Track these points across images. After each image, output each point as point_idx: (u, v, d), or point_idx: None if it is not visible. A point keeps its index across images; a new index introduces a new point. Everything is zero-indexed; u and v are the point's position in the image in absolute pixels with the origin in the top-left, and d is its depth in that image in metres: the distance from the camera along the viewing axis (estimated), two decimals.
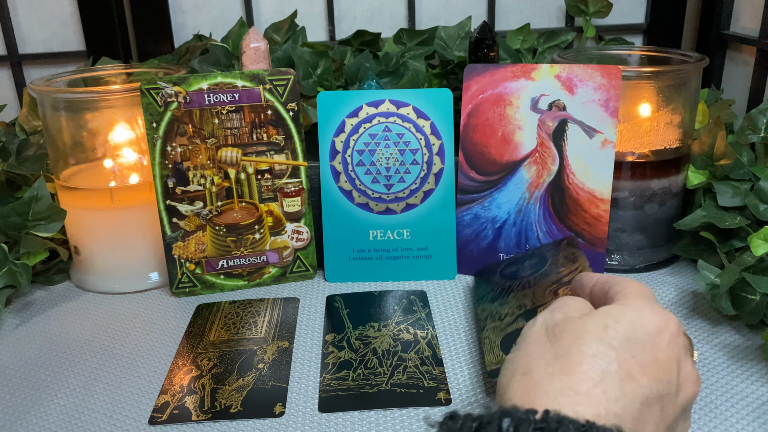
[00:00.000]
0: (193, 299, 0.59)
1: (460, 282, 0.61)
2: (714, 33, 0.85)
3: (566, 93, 0.57)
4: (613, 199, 0.59)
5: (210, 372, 0.48)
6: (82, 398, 0.46)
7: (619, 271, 0.61)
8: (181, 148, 0.57)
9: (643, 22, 0.92)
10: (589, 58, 0.67)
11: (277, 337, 0.52)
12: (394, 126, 0.59)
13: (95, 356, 0.51)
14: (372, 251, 0.61)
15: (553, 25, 0.92)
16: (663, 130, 0.60)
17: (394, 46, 0.80)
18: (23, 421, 0.44)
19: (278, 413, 0.44)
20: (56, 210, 0.58)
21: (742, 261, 0.50)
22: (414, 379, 0.46)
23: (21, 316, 0.57)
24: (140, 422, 0.43)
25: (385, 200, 0.60)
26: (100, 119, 0.60)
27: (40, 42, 0.87)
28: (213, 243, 0.59)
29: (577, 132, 0.57)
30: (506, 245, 0.60)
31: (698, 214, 0.58)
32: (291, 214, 0.61)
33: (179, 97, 0.56)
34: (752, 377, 0.46)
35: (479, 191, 0.60)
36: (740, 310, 0.50)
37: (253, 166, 0.59)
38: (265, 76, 0.58)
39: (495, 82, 0.59)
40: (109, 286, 0.61)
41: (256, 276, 0.61)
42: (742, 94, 0.80)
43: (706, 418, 0.42)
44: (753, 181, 0.58)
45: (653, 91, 0.59)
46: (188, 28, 0.89)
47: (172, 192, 0.58)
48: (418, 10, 0.90)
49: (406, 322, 0.54)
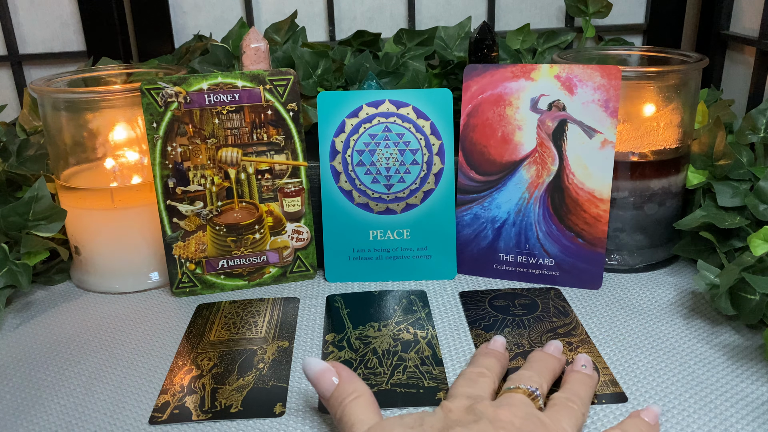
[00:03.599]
0: (193, 299, 0.59)
1: (460, 282, 0.61)
2: (714, 33, 0.85)
3: (566, 93, 0.57)
4: (613, 199, 0.60)
5: (210, 372, 0.48)
6: (82, 398, 0.46)
7: (619, 270, 0.61)
8: (182, 148, 0.57)
9: (643, 22, 0.92)
10: (588, 58, 0.67)
11: (277, 336, 0.52)
12: (394, 126, 0.59)
13: (95, 356, 0.51)
14: (372, 251, 0.61)
15: (553, 25, 0.92)
16: (663, 130, 0.60)
17: (394, 47, 0.80)
18: (23, 421, 0.44)
19: (278, 413, 0.44)
20: (56, 210, 0.58)
21: (742, 261, 0.50)
22: (414, 379, 0.46)
23: (21, 316, 0.57)
24: (140, 422, 0.43)
25: (385, 200, 0.60)
26: (101, 119, 0.60)
27: (41, 42, 0.88)
28: (213, 243, 0.59)
29: (576, 132, 0.57)
30: (506, 245, 0.60)
31: (698, 214, 0.59)
32: (291, 214, 0.61)
33: (179, 97, 0.56)
34: (752, 377, 0.46)
35: (479, 191, 0.60)
36: (740, 310, 0.50)
37: (253, 166, 0.59)
38: (266, 76, 0.58)
39: (495, 82, 0.59)
40: (109, 286, 0.61)
41: (257, 276, 0.61)
42: (741, 94, 0.81)
43: (706, 418, 0.42)
44: (753, 181, 0.58)
45: (653, 92, 0.59)
46: (188, 29, 0.89)
47: (172, 192, 0.58)
48: (418, 10, 0.90)
49: (406, 322, 0.54)
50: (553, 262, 0.59)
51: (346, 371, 0.41)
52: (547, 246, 0.59)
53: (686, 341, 0.50)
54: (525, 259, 0.60)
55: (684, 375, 0.46)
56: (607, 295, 0.58)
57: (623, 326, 0.53)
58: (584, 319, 0.54)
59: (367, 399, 0.39)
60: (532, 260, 0.60)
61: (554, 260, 0.59)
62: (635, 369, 0.47)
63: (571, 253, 0.58)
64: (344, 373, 0.41)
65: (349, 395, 0.39)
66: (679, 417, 0.42)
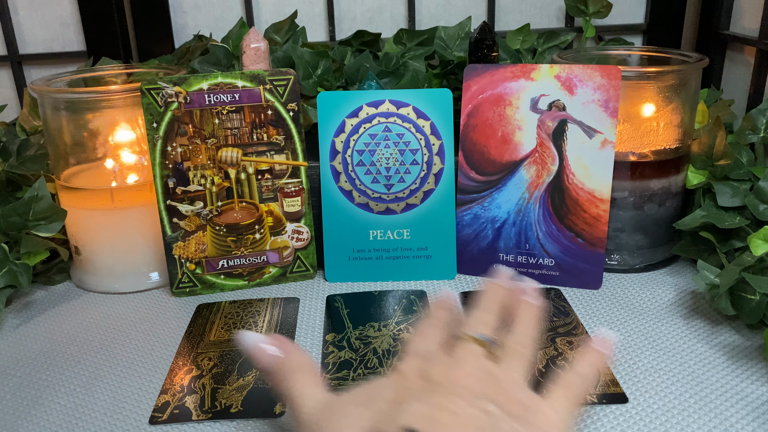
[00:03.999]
0: (193, 299, 0.59)
1: (460, 282, 0.61)
2: (714, 33, 0.85)
3: (566, 93, 0.57)
4: (613, 199, 0.60)
5: (210, 372, 0.48)
6: (82, 398, 0.46)
7: (619, 270, 0.61)
8: (182, 148, 0.57)
9: (642, 22, 0.92)
10: (588, 58, 0.67)
11: None
12: (394, 126, 0.59)
13: (96, 356, 0.51)
14: (372, 251, 0.61)
15: (553, 25, 0.92)
16: (663, 130, 0.60)
17: (394, 47, 0.80)
18: (24, 421, 0.44)
19: (279, 413, 0.44)
20: (57, 210, 0.58)
21: (742, 261, 0.50)
22: None
23: (21, 316, 0.57)
24: (141, 422, 0.43)
25: (385, 200, 0.60)
26: (101, 119, 0.60)
27: (41, 42, 0.88)
28: (213, 243, 0.59)
29: (576, 132, 0.57)
30: (506, 245, 0.60)
31: (698, 214, 0.59)
32: (291, 214, 0.61)
33: (179, 97, 0.56)
34: (752, 377, 0.46)
35: (479, 191, 0.60)
36: (740, 310, 0.50)
37: (253, 166, 0.59)
38: (266, 76, 0.58)
39: (495, 82, 0.59)
40: (109, 286, 0.61)
41: (257, 276, 0.61)
42: (741, 94, 0.81)
43: (706, 418, 0.42)
44: (752, 181, 0.58)
45: (653, 92, 0.59)
46: (189, 29, 0.89)
47: (172, 192, 0.58)
48: (418, 10, 0.90)
49: (406, 322, 0.54)
50: (553, 262, 0.59)
51: (290, 343, 0.39)
52: (547, 246, 0.59)
53: (686, 341, 0.50)
54: (525, 259, 0.60)
55: (684, 375, 0.46)
56: (607, 295, 0.58)
57: (623, 326, 0.53)
58: (584, 319, 0.54)
59: (312, 372, 0.38)
60: (532, 260, 0.60)
61: (554, 260, 0.59)
62: (635, 369, 0.47)
63: (571, 253, 0.58)
64: (287, 345, 0.39)
65: (294, 369, 0.37)
66: (679, 417, 0.42)
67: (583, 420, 0.42)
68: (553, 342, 0.50)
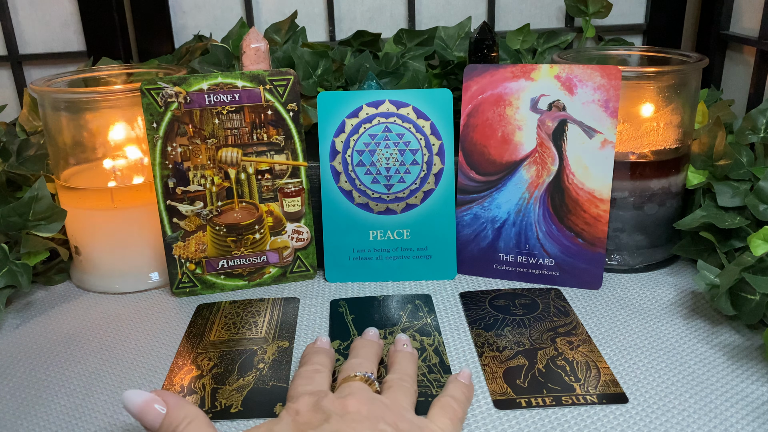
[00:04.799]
0: (193, 299, 0.59)
1: (460, 282, 0.61)
2: (714, 33, 0.85)
3: (566, 93, 0.57)
4: (613, 199, 0.60)
5: (210, 372, 0.48)
6: (82, 398, 0.46)
7: (619, 270, 0.61)
8: (182, 149, 0.57)
9: (642, 22, 0.92)
10: (588, 58, 0.67)
11: (277, 337, 0.52)
12: (394, 126, 0.59)
13: (95, 356, 0.51)
14: (372, 251, 0.61)
15: (553, 25, 0.92)
16: (663, 131, 0.60)
17: (394, 47, 0.80)
18: (24, 421, 0.44)
19: (278, 413, 0.44)
20: (56, 210, 0.58)
21: (742, 261, 0.50)
22: (422, 387, 0.45)
23: (21, 316, 0.57)
24: None
25: (385, 200, 0.60)
26: (101, 119, 0.60)
27: (41, 42, 0.88)
28: (213, 243, 0.59)
29: (576, 132, 0.57)
30: (506, 245, 0.60)
31: (698, 214, 0.59)
32: (291, 214, 0.61)
33: (179, 97, 0.56)
34: (752, 377, 0.46)
35: (479, 191, 0.60)
36: (740, 310, 0.50)
37: (253, 166, 0.59)
38: (266, 76, 0.58)
39: (495, 82, 0.59)
40: (109, 286, 0.61)
41: (257, 276, 0.61)
42: (741, 94, 0.81)
43: (706, 418, 0.42)
44: (753, 181, 0.58)
45: (653, 92, 0.59)
46: (188, 29, 0.89)
47: (172, 192, 0.58)
48: (418, 10, 0.90)
49: (412, 328, 0.53)
50: (553, 262, 0.59)
51: (173, 397, 0.37)
52: (547, 246, 0.59)
53: (686, 341, 0.50)
54: (525, 259, 0.60)
55: (684, 375, 0.46)
56: (607, 295, 0.58)
57: (623, 326, 0.53)
58: (584, 319, 0.54)
59: (201, 422, 0.37)
60: (532, 260, 0.60)
61: (554, 260, 0.59)
62: (635, 369, 0.47)
63: (571, 253, 0.58)
64: (171, 399, 0.37)
65: (181, 422, 0.36)
66: (679, 417, 0.42)
67: (583, 420, 0.42)
68: (553, 342, 0.50)
